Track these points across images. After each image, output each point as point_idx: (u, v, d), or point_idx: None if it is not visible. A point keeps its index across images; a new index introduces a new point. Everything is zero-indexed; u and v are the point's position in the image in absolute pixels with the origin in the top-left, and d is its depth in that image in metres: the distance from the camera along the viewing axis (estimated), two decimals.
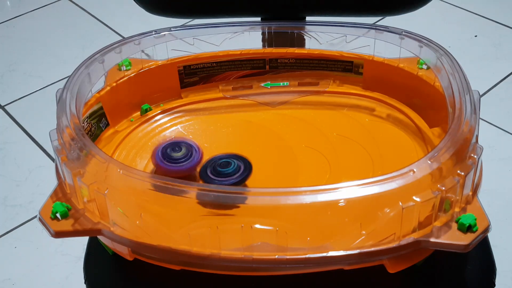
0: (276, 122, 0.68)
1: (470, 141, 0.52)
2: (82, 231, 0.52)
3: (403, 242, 0.48)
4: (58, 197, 0.53)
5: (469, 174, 0.50)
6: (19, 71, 1.63)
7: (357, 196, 0.48)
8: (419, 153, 0.63)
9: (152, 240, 0.50)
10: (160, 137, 0.67)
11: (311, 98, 0.71)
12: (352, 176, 0.60)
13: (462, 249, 0.48)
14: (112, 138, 0.66)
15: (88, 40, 1.72)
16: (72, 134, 0.54)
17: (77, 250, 1.14)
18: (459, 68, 0.60)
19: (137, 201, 0.51)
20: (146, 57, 0.69)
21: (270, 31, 0.72)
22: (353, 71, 0.71)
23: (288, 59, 0.71)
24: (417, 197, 0.47)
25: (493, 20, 1.71)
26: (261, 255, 0.49)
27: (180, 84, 0.71)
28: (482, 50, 1.60)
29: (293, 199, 0.48)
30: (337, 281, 0.56)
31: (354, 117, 0.68)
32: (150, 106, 0.70)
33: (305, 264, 0.49)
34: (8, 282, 1.11)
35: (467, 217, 0.49)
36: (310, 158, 0.63)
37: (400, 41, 0.66)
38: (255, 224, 0.48)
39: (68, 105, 0.58)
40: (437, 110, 0.63)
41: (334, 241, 0.49)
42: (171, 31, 0.69)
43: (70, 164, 0.52)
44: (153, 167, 0.63)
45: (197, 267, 0.54)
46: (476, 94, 0.58)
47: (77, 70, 0.62)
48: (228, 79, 0.72)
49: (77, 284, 1.08)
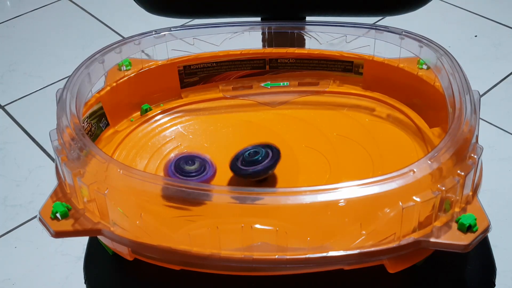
0: (276, 122, 0.68)
1: (470, 141, 0.52)
2: (82, 231, 0.52)
3: (403, 242, 0.48)
4: (58, 197, 0.53)
5: (469, 174, 0.50)
6: (19, 71, 1.63)
7: (357, 196, 0.48)
8: (419, 153, 0.63)
9: (152, 240, 0.50)
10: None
11: (311, 98, 0.71)
12: (352, 176, 0.60)
13: (462, 249, 0.48)
14: (112, 138, 0.66)
15: (88, 40, 1.72)
16: (72, 134, 0.54)
17: (77, 250, 1.14)
18: (459, 68, 0.60)
19: (137, 201, 0.51)
20: (146, 57, 0.69)
21: (270, 31, 0.72)
22: (353, 71, 0.71)
23: (288, 59, 0.71)
24: (417, 197, 0.47)
25: (493, 20, 1.71)
26: (261, 255, 0.49)
27: (180, 84, 0.71)
28: (482, 50, 1.60)
29: (293, 199, 0.48)
30: (337, 281, 0.56)
31: (354, 117, 0.68)
32: (150, 106, 0.70)
33: (305, 264, 0.49)
34: (8, 282, 1.11)
35: (467, 217, 0.49)
36: (310, 158, 0.63)
37: (400, 41, 0.66)
38: (255, 224, 0.48)
39: (68, 105, 0.58)
40: (437, 110, 0.63)
41: (334, 241, 0.49)
42: (171, 31, 0.69)
43: (70, 164, 0.52)
44: (153, 167, 0.63)
45: (197, 267, 0.54)
46: (476, 94, 0.58)
47: (77, 70, 0.62)
48: (228, 79, 0.72)
49: (77, 284, 1.08)
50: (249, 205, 0.49)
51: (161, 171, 0.62)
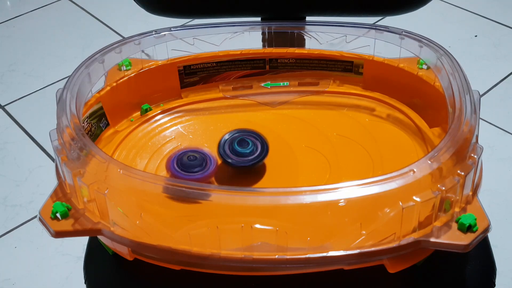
0: (276, 122, 0.68)
1: (470, 141, 0.52)
2: (82, 231, 0.52)
3: (403, 242, 0.48)
4: (58, 197, 0.53)
5: (469, 174, 0.50)
6: (19, 71, 1.63)
7: (357, 196, 0.48)
8: (419, 153, 0.63)
9: (152, 240, 0.50)
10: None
11: (311, 98, 0.71)
12: (352, 176, 0.60)
13: (462, 249, 0.48)
14: (112, 138, 0.66)
15: (88, 40, 1.72)
16: (72, 134, 0.54)
17: (77, 250, 1.14)
18: (459, 68, 0.60)
19: (137, 201, 0.51)
20: (146, 57, 0.69)
21: (270, 31, 0.72)
22: (353, 71, 0.71)
23: (288, 59, 0.71)
24: (417, 197, 0.47)
25: (493, 20, 1.71)
26: (261, 255, 0.49)
27: (180, 84, 0.71)
28: (482, 50, 1.60)
29: (293, 199, 0.48)
30: (337, 281, 0.56)
31: (354, 117, 0.68)
32: (150, 106, 0.70)
33: (305, 264, 0.49)
34: (8, 282, 1.11)
35: (467, 217, 0.49)
36: (310, 158, 0.63)
37: (400, 41, 0.66)
38: (255, 224, 0.48)
39: (68, 105, 0.58)
40: (437, 110, 0.63)
41: (334, 241, 0.49)
42: (171, 31, 0.69)
43: (70, 164, 0.52)
44: (153, 167, 0.63)
45: (197, 267, 0.54)
46: (476, 94, 0.58)
47: (77, 70, 0.62)
48: (228, 79, 0.72)
49: (77, 284, 1.08)
50: (249, 205, 0.49)
51: (161, 171, 0.62)
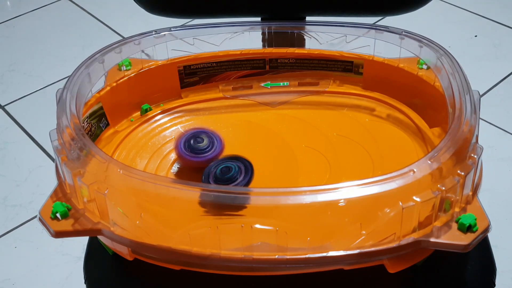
0: (276, 122, 0.68)
1: (470, 141, 0.52)
2: (82, 231, 0.52)
3: (403, 242, 0.48)
4: (58, 197, 0.53)
5: (469, 174, 0.50)
6: (19, 71, 1.63)
7: (357, 196, 0.48)
8: (419, 153, 0.63)
9: (152, 240, 0.50)
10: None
11: (311, 98, 0.71)
12: (352, 176, 0.60)
13: (462, 249, 0.48)
14: (112, 138, 0.66)
15: (88, 40, 1.72)
16: (72, 134, 0.54)
17: (77, 250, 1.14)
18: (459, 68, 0.60)
19: (137, 201, 0.51)
20: (146, 57, 0.69)
21: (270, 31, 0.72)
22: (353, 71, 0.71)
23: (288, 59, 0.71)
24: (417, 197, 0.47)
25: (493, 20, 1.71)
26: (261, 255, 0.49)
27: (180, 84, 0.71)
28: (482, 50, 1.60)
29: (293, 199, 0.48)
30: (337, 281, 0.56)
31: (354, 117, 0.68)
32: (150, 106, 0.70)
33: (305, 264, 0.49)
34: (8, 282, 1.11)
35: (467, 217, 0.49)
36: (310, 158, 0.63)
37: (400, 41, 0.66)
38: (255, 224, 0.48)
39: (68, 105, 0.58)
40: (437, 110, 0.63)
41: (334, 241, 0.49)
42: (171, 31, 0.69)
43: (70, 164, 0.52)
44: (153, 167, 0.63)
45: (197, 267, 0.54)
46: (476, 94, 0.58)
47: (77, 70, 0.62)
48: (228, 79, 0.72)
49: (77, 284, 1.08)
50: (249, 205, 0.49)
51: (161, 171, 0.62)
